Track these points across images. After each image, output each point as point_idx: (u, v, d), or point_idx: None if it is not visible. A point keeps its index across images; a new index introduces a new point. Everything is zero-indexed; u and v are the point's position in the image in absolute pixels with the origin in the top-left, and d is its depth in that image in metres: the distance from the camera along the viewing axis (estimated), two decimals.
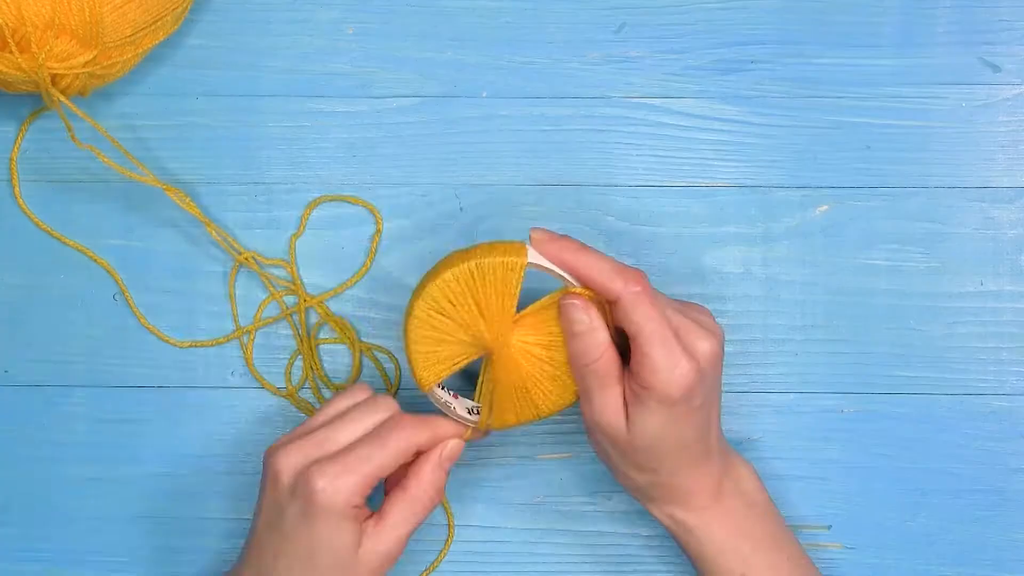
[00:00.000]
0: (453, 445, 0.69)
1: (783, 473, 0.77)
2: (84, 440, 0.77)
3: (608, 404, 0.67)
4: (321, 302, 0.78)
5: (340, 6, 0.79)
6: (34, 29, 0.70)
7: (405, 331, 0.69)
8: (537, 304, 0.68)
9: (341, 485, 0.65)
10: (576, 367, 0.68)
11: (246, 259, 0.77)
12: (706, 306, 0.73)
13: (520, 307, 0.68)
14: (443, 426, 0.70)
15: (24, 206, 0.78)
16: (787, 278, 0.78)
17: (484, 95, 0.79)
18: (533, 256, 0.67)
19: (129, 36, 0.73)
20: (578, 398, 0.70)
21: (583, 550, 0.77)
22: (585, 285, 0.67)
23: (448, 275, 0.67)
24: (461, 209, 0.78)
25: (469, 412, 0.71)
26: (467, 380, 0.76)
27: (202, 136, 0.78)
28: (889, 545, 0.77)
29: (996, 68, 0.78)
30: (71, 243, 0.78)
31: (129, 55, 0.74)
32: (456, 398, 0.71)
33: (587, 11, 0.79)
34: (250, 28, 0.79)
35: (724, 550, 0.69)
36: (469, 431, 0.70)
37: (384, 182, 0.78)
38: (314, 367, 0.77)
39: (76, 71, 0.72)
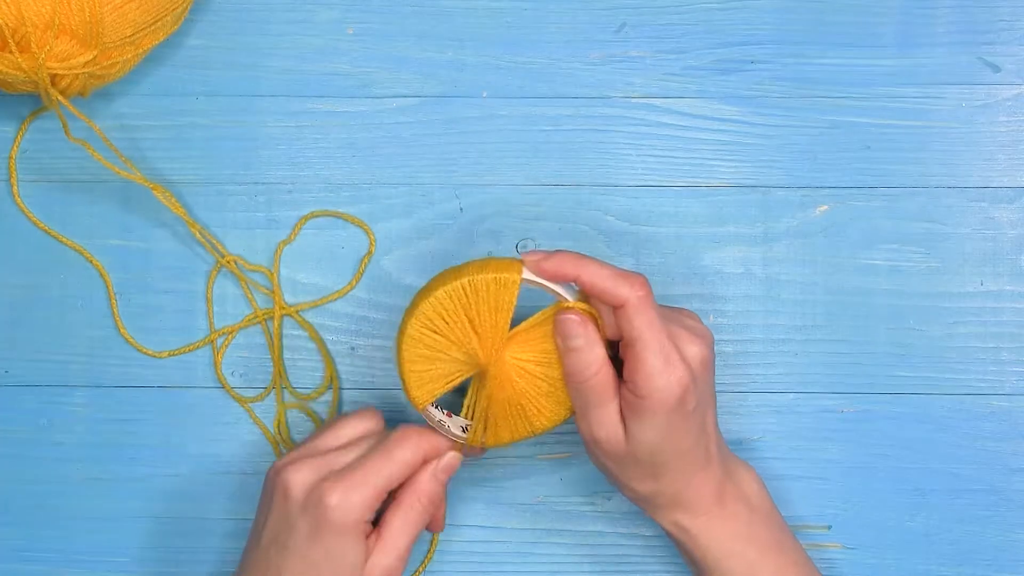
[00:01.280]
0: (450, 457, 0.69)
1: (783, 473, 0.77)
2: (84, 440, 0.77)
3: (605, 419, 0.67)
4: (296, 312, 0.77)
5: (340, 6, 0.79)
6: (34, 29, 0.70)
7: (398, 350, 0.69)
8: (531, 320, 0.68)
9: (354, 500, 0.66)
10: (572, 383, 0.67)
11: (228, 262, 0.77)
12: (705, 306, 0.73)
13: (512, 324, 0.68)
14: (443, 441, 0.70)
15: (23, 206, 0.78)
16: (787, 278, 0.78)
17: (484, 95, 0.79)
18: (527, 273, 0.67)
19: (129, 36, 0.73)
20: (572, 414, 0.69)
21: (583, 550, 0.77)
22: (590, 292, 0.67)
23: (441, 292, 0.67)
24: (461, 209, 0.78)
25: (463, 430, 0.70)
26: (459, 396, 0.76)
27: (202, 136, 0.78)
28: (889, 545, 0.77)
29: (996, 68, 0.78)
30: (69, 243, 0.78)
31: (129, 55, 0.74)
32: (450, 416, 0.71)
33: (587, 11, 0.79)
34: (250, 28, 0.79)
35: (729, 555, 0.69)
36: (465, 445, 0.71)
37: (384, 182, 0.78)
38: (281, 375, 0.78)
39: (76, 71, 0.72)
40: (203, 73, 0.78)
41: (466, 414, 0.70)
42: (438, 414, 0.71)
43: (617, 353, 0.68)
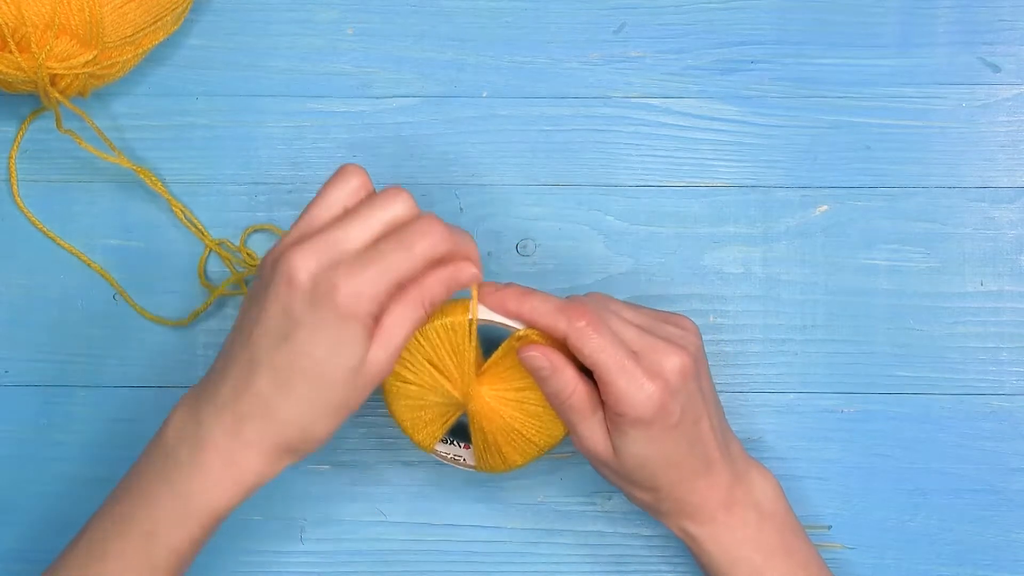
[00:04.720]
0: (469, 276, 0.64)
1: (783, 473, 0.77)
2: (84, 440, 0.77)
3: (591, 433, 0.67)
4: None
5: (340, 6, 0.79)
6: (34, 29, 0.70)
7: (386, 403, 0.69)
8: (497, 354, 0.67)
9: (367, 293, 0.61)
10: (554, 405, 0.68)
11: (215, 245, 0.77)
12: (705, 306, 0.73)
13: (488, 353, 0.68)
14: (468, 243, 0.64)
15: (23, 206, 0.78)
16: (787, 278, 0.78)
17: (484, 95, 0.79)
18: (484, 312, 0.66)
19: (129, 36, 0.73)
20: None
21: (583, 550, 0.77)
22: (535, 328, 0.66)
23: None
24: (461, 209, 0.78)
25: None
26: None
27: (202, 136, 0.78)
28: (889, 545, 0.77)
29: (996, 68, 0.78)
30: (66, 245, 0.77)
31: (129, 55, 0.74)
32: (466, 448, 0.71)
33: (587, 11, 0.79)
34: (250, 28, 0.79)
35: (735, 561, 0.69)
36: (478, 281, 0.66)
37: (384, 182, 0.78)
38: None
39: (76, 71, 0.72)
40: (203, 73, 0.78)
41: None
42: (452, 449, 0.71)
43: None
